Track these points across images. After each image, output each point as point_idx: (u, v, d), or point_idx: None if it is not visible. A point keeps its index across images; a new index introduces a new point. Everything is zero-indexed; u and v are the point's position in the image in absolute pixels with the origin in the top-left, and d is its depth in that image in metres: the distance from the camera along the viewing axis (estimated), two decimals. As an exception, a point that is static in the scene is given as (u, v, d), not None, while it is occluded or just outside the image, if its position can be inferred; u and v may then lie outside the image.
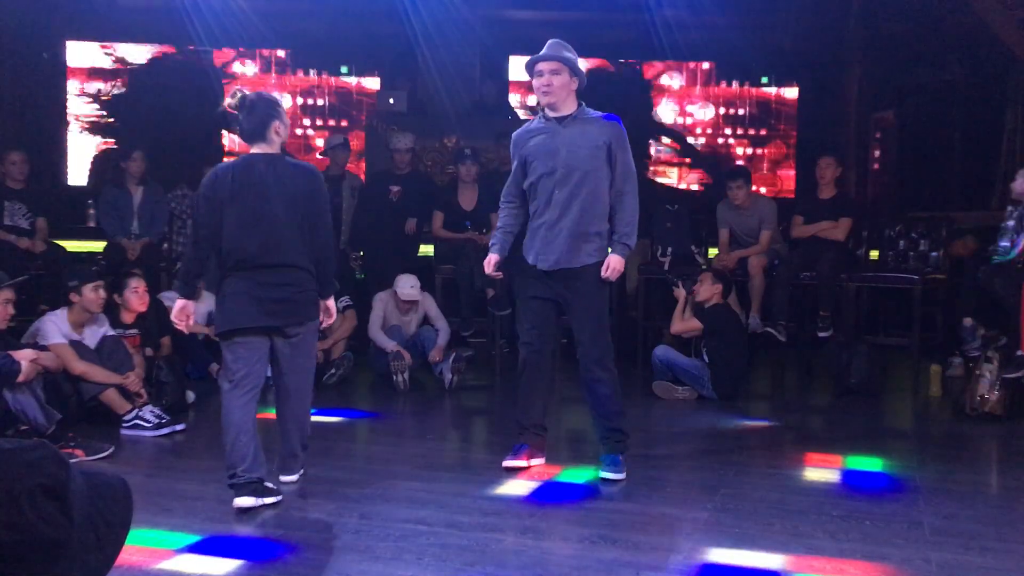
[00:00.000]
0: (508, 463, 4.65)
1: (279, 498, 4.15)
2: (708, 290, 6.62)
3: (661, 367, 6.60)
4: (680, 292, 6.74)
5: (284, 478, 4.46)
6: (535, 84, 4.56)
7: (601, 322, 4.60)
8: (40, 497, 1.36)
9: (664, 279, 7.36)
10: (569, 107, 4.54)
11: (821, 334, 7.26)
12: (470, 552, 3.53)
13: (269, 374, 6.88)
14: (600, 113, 4.59)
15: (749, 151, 11.22)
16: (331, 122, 10.94)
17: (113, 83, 10.60)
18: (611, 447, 4.63)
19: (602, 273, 4.51)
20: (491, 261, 4.70)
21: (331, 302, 4.40)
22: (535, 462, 4.71)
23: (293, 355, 4.34)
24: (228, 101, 4.21)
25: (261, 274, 4.15)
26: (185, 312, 4.35)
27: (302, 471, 4.54)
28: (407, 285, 7.00)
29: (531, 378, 4.70)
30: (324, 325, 4.51)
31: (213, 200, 4.15)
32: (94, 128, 10.59)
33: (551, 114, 4.57)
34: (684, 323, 6.65)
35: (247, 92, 4.28)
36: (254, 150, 4.22)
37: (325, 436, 5.53)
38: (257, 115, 4.18)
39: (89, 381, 5.39)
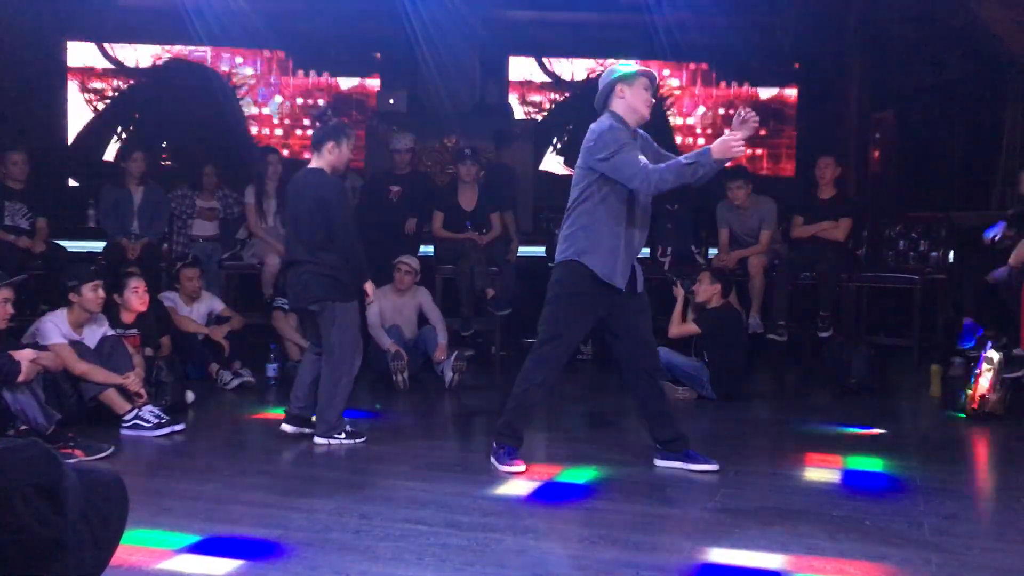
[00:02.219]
0: (511, 468, 4.62)
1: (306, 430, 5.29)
2: (707, 290, 6.60)
3: (661, 368, 6.59)
4: (679, 291, 6.73)
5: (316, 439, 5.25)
6: (646, 97, 4.43)
7: None
8: (33, 496, 1.35)
9: (663, 279, 7.36)
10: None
11: (821, 334, 7.26)
12: (470, 552, 3.53)
13: (272, 374, 6.97)
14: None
15: (749, 151, 11.21)
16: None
17: (122, 83, 10.61)
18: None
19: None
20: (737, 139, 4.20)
21: (367, 285, 5.34)
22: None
23: (320, 332, 5.27)
24: (314, 114, 5.08)
25: (291, 267, 5.35)
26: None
27: (328, 441, 5.20)
28: (404, 257, 7.20)
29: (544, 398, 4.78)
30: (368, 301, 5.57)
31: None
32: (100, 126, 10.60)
33: (636, 129, 4.51)
34: (682, 327, 6.64)
35: (330, 112, 5.16)
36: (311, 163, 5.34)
37: (325, 436, 5.53)
38: (321, 132, 5.33)
39: (89, 381, 5.39)
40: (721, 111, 11.21)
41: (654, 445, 4.79)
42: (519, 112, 10.70)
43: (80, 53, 10.56)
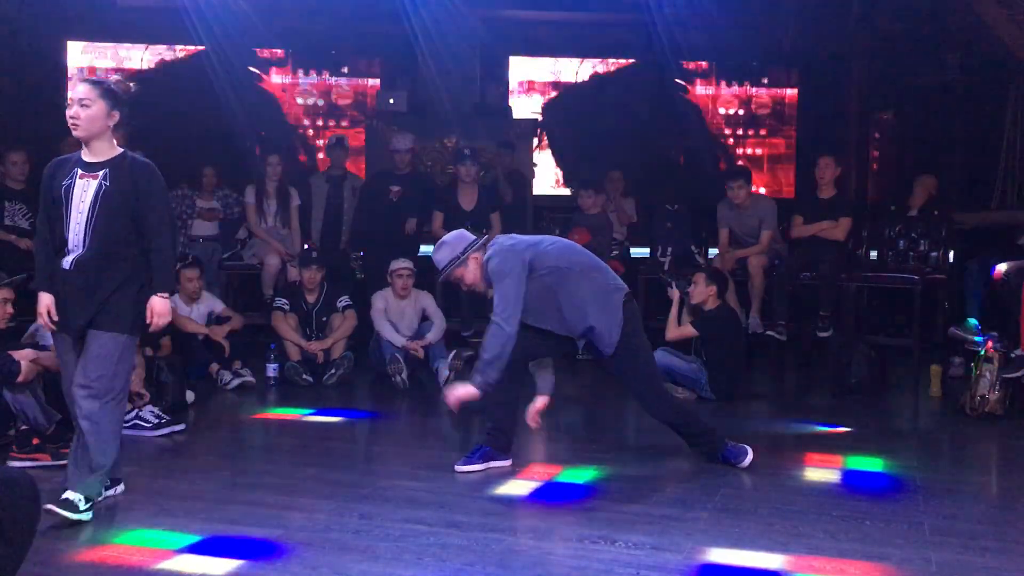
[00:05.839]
0: (462, 468, 4.66)
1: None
2: (703, 292, 6.56)
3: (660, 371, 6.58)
4: (674, 292, 6.71)
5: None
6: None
7: None
8: None
9: (659, 280, 7.36)
10: None
11: (821, 334, 7.25)
12: (470, 552, 3.53)
13: (272, 374, 6.96)
14: None
15: (749, 151, 11.22)
16: (331, 122, 10.94)
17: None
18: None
19: None
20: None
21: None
22: (493, 464, 4.72)
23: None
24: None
25: None
26: None
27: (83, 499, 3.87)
28: (399, 262, 7.14)
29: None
30: None
31: None
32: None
33: None
34: (679, 330, 6.62)
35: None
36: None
37: (325, 436, 5.53)
38: None
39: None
40: (721, 111, 11.21)
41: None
42: (520, 112, 10.69)
43: (81, 53, 10.56)
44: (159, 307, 3.97)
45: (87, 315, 3.91)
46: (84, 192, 3.87)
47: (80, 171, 3.90)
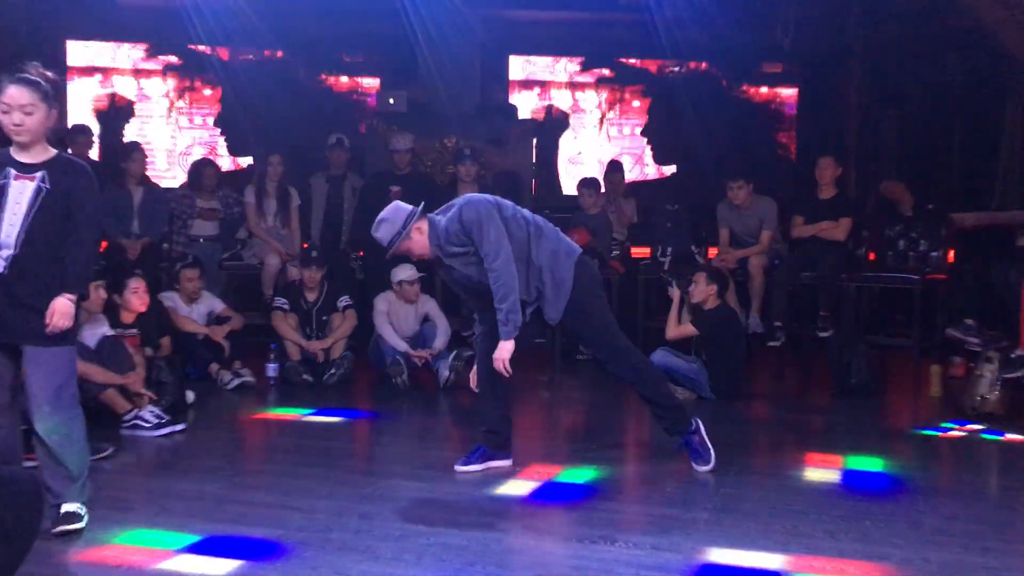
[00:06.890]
0: (462, 468, 4.66)
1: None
2: (703, 291, 6.56)
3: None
4: (675, 292, 6.72)
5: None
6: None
7: None
8: None
9: (660, 279, 7.36)
10: None
11: (821, 334, 7.26)
12: (470, 552, 3.53)
13: (272, 374, 6.95)
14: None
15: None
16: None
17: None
18: None
19: None
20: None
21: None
22: (493, 464, 4.71)
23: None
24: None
25: None
26: None
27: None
28: (406, 268, 7.02)
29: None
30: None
31: None
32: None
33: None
34: (679, 329, 6.62)
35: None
36: None
37: (325, 436, 5.54)
38: None
39: (89, 382, 5.38)
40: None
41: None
42: (523, 112, 10.69)
43: (80, 53, 10.57)
44: (60, 307, 3.62)
45: (17, 329, 3.66)
46: (20, 194, 3.66)
47: (15, 172, 3.68)
